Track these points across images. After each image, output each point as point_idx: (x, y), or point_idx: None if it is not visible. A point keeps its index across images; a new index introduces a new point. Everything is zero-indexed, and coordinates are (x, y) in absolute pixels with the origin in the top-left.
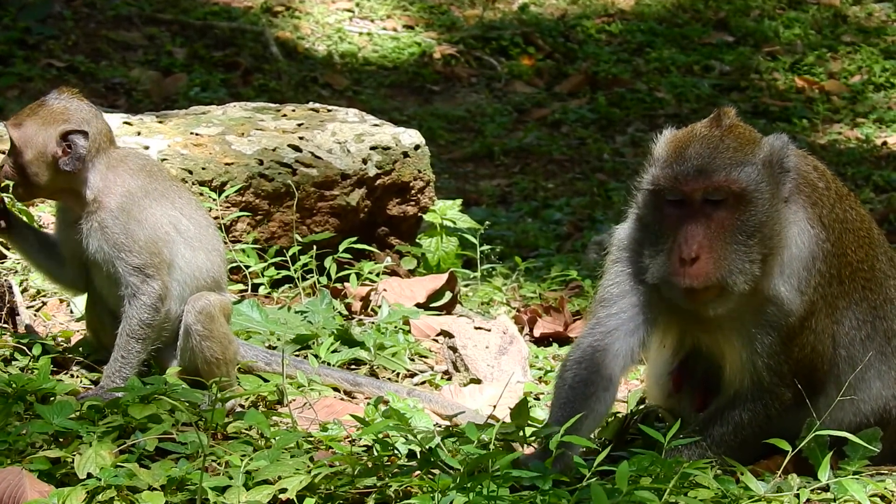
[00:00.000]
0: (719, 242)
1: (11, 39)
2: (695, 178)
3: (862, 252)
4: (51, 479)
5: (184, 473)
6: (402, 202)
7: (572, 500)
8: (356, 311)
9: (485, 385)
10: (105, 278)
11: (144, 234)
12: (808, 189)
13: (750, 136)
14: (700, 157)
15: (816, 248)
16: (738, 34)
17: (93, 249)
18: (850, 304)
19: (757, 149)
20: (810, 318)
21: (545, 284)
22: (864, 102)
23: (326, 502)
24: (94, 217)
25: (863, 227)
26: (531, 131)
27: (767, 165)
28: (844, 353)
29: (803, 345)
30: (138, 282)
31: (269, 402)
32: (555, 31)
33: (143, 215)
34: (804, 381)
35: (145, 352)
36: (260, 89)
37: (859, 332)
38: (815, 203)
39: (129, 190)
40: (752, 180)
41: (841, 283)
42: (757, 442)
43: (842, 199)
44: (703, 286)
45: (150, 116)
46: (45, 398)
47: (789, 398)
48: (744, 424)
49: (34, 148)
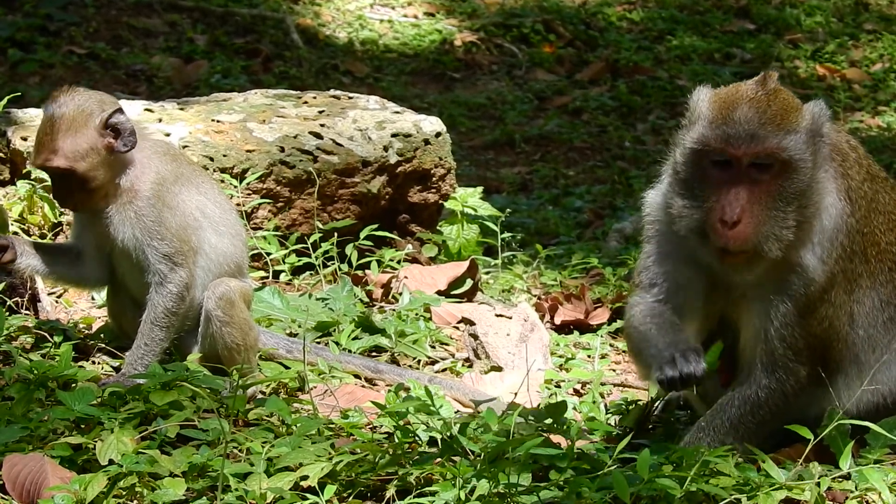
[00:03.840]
0: (760, 207)
1: (33, 26)
2: (746, 142)
3: (893, 235)
4: (72, 466)
5: (205, 460)
6: (423, 189)
7: (593, 486)
8: (377, 298)
9: (506, 372)
10: (130, 266)
11: (176, 222)
12: (839, 158)
13: (793, 103)
14: (750, 121)
15: (841, 221)
16: (760, 22)
17: (123, 238)
18: (875, 285)
19: (801, 116)
20: (830, 291)
21: (566, 272)
22: (886, 90)
23: (347, 489)
24: (129, 206)
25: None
26: (552, 119)
27: (810, 133)
28: (863, 333)
29: (822, 318)
30: (166, 270)
31: (290, 389)
32: (576, 18)
33: (174, 201)
34: (820, 360)
35: (168, 340)
36: (281, 76)
37: (882, 314)
38: (844, 174)
39: (160, 175)
40: (799, 148)
41: (866, 261)
42: (776, 423)
43: (874, 179)
44: (740, 249)
45: (172, 103)
46: (67, 385)
47: (804, 376)
48: (760, 404)
49: (85, 156)
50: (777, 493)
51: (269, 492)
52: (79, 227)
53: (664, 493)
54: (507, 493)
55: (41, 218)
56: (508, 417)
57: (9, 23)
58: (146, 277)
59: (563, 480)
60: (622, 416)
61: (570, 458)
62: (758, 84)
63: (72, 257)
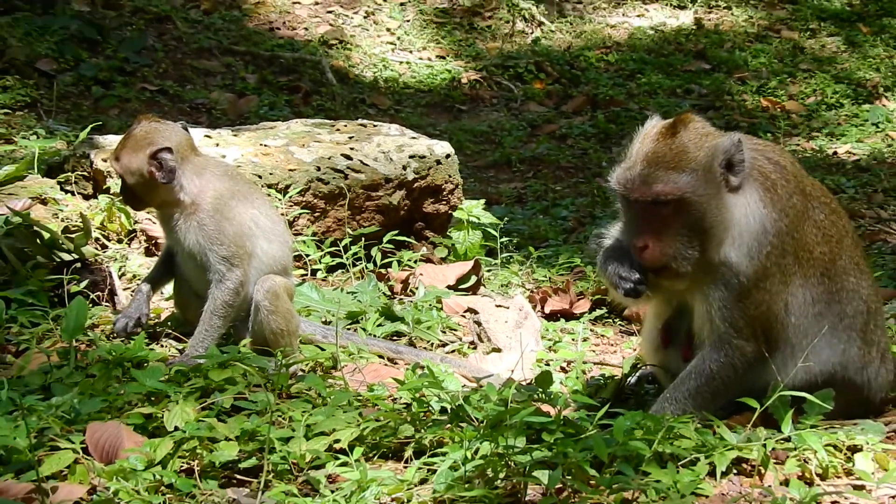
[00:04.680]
0: (665, 234)
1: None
2: (640, 187)
3: (826, 247)
4: (144, 432)
5: (254, 427)
6: (436, 202)
7: (577, 448)
8: (397, 291)
9: (504, 353)
10: (194, 266)
11: (233, 230)
12: (761, 178)
13: (697, 143)
14: (645, 166)
15: (769, 225)
16: (714, 63)
17: (189, 243)
18: (807, 284)
19: (701, 154)
20: (765, 281)
21: (554, 270)
22: (818, 119)
23: (373, 450)
24: (193, 217)
25: (832, 229)
26: (542, 143)
27: (707, 169)
28: (795, 320)
29: (759, 302)
30: (225, 269)
31: (325, 368)
32: (562, 60)
33: (231, 214)
34: (763, 338)
35: (225, 327)
36: (318, 109)
37: (812, 308)
38: (768, 189)
39: (219, 192)
40: (692, 186)
41: (798, 262)
42: (729, 393)
43: (805, 195)
44: (652, 268)
45: (227, 131)
46: (140, 364)
47: (749, 352)
48: (713, 375)
49: (134, 173)
50: (730, 452)
51: (308, 453)
52: (165, 236)
53: (636, 453)
54: (505, 453)
55: (119, 226)
56: (506, 390)
57: (93, 65)
58: (208, 275)
59: (553, 442)
60: (601, 388)
61: (558, 425)
62: (668, 128)
63: (169, 271)
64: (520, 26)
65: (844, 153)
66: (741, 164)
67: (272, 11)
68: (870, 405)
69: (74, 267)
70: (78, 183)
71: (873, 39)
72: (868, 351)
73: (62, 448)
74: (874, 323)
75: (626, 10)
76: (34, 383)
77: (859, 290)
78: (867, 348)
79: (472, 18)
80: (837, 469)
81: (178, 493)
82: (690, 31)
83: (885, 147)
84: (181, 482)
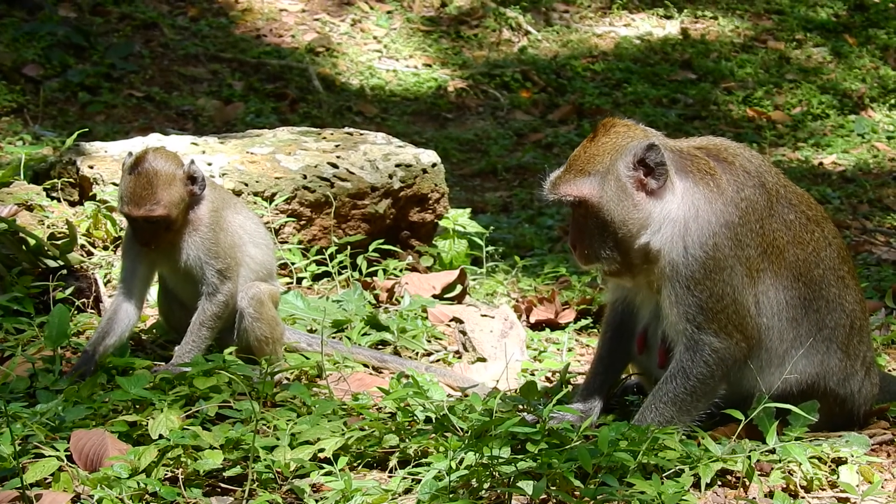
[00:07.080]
0: (585, 236)
1: (99, 74)
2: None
3: (799, 250)
4: (128, 439)
5: (239, 435)
6: (422, 210)
7: (562, 458)
8: (383, 300)
9: (489, 363)
10: (181, 279)
11: (227, 241)
12: (700, 175)
13: (610, 147)
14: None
15: (713, 217)
16: (700, 72)
17: (188, 259)
18: (778, 284)
19: (607, 158)
20: (719, 273)
21: (539, 279)
22: (804, 130)
23: (357, 460)
24: (195, 233)
25: (806, 235)
26: (528, 152)
27: (610, 172)
28: (767, 321)
29: (719, 295)
30: (218, 283)
31: (310, 376)
32: (548, 69)
33: (225, 224)
34: (740, 336)
35: (212, 338)
36: (304, 116)
37: (786, 312)
38: (708, 184)
39: (213, 203)
40: (590, 189)
41: (767, 258)
42: (709, 395)
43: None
44: (585, 267)
45: (213, 138)
46: (125, 371)
47: (720, 348)
48: (687, 375)
49: (176, 204)
50: (714, 464)
51: (292, 462)
52: (131, 260)
53: (620, 464)
54: (490, 463)
55: (104, 233)
56: (491, 400)
57: (80, 71)
58: (199, 288)
59: (537, 453)
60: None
61: (543, 435)
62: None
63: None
64: (506, 35)
65: (830, 164)
66: (660, 167)
67: (259, 18)
68: (853, 417)
69: (60, 274)
70: (64, 189)
71: (859, 50)
72: (851, 364)
73: (47, 455)
74: (858, 338)
75: (612, 20)
76: (19, 390)
77: (842, 303)
78: (849, 361)
79: (459, 27)
80: (822, 481)
81: (163, 501)
82: (677, 41)
83: (871, 158)
84: (165, 490)
